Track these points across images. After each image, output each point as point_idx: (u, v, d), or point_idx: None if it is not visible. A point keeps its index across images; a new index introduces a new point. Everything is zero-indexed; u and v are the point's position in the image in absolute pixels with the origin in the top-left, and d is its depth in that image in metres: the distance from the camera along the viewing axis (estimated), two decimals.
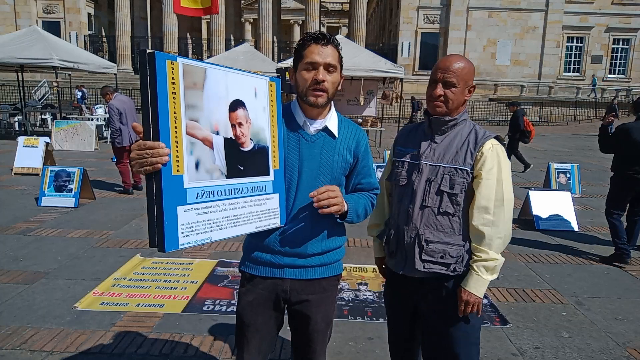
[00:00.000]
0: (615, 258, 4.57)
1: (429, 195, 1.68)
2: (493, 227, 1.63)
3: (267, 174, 1.51)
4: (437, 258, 1.67)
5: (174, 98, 1.20)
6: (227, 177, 1.38)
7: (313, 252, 1.62)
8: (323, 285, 1.67)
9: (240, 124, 1.42)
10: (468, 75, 1.68)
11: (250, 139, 1.46)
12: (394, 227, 1.81)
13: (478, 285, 1.64)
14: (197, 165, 1.28)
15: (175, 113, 1.21)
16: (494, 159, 1.65)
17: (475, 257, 1.66)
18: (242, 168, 1.43)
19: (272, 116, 1.54)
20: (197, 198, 1.28)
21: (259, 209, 1.48)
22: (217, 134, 1.34)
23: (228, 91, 1.38)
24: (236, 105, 1.41)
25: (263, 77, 1.53)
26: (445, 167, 1.68)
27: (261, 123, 1.50)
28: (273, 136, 1.54)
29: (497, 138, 1.71)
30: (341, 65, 1.59)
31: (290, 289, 1.63)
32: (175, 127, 1.21)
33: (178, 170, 1.22)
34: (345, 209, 1.54)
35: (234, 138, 1.40)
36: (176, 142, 1.21)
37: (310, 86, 1.53)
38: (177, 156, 1.22)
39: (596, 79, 29.15)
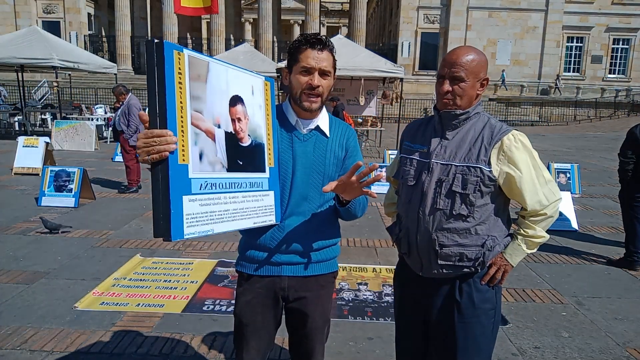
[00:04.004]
0: (626, 264, 4.49)
1: (440, 197, 1.58)
2: (546, 209, 1.59)
3: (263, 170, 1.53)
4: (455, 261, 1.59)
5: (180, 88, 1.21)
6: (228, 170, 1.39)
7: (309, 249, 1.63)
8: (320, 282, 1.68)
9: (239, 119, 1.43)
10: (478, 68, 1.57)
11: (248, 135, 1.47)
12: (403, 228, 1.72)
13: (515, 253, 1.62)
14: (200, 157, 1.29)
15: (181, 103, 1.22)
16: (524, 150, 1.57)
17: (522, 232, 1.62)
18: (241, 163, 1.44)
19: (267, 115, 1.57)
20: (200, 189, 1.28)
21: (256, 205, 1.49)
22: (219, 127, 1.36)
23: (228, 86, 1.40)
24: (236, 100, 1.42)
25: (259, 75, 1.55)
26: (457, 165, 1.57)
27: (258, 120, 1.52)
28: (268, 134, 1.56)
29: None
30: (335, 69, 1.61)
31: (288, 286, 1.64)
32: (181, 117, 1.22)
33: (184, 160, 1.23)
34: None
35: (233, 132, 1.41)
36: (182, 131, 1.22)
37: (305, 91, 1.54)
38: (183, 145, 1.23)
39: (504, 74, 27.96)
